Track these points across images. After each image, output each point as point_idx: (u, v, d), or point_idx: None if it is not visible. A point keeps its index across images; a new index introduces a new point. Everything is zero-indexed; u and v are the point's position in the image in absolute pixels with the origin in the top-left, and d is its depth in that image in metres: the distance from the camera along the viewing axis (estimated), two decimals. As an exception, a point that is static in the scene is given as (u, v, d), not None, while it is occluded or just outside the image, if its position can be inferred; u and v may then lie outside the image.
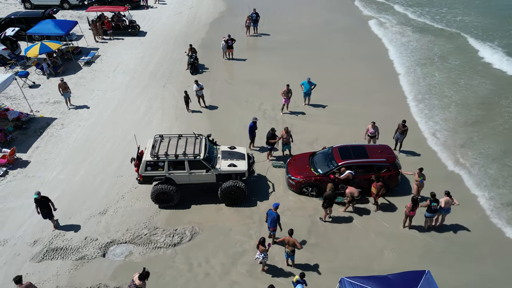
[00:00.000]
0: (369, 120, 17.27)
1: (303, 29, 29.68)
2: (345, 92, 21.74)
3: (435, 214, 13.18)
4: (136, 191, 14.98)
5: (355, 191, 13.56)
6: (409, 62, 24.79)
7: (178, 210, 14.21)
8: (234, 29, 29.00)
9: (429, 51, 26.13)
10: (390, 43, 27.18)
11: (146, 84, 22.48)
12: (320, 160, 15.13)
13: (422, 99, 20.96)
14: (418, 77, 23.14)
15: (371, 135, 16.45)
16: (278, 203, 12.35)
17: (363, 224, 13.84)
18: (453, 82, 22.52)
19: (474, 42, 26.62)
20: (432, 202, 12.91)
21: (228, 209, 14.27)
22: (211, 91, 21.67)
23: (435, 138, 18.03)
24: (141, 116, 19.63)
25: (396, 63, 24.69)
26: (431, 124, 19.07)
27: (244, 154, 14.73)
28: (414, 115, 19.73)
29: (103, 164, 16.41)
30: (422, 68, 24.15)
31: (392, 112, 19.84)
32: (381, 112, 19.75)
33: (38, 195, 13.01)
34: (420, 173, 14.12)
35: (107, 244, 13.02)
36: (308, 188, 14.74)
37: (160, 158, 13.46)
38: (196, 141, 14.07)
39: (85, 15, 31.13)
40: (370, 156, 14.50)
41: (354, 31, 29.40)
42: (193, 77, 23.09)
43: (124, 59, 25.37)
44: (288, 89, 19.09)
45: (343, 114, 19.81)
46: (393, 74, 23.69)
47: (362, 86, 22.26)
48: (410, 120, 18.96)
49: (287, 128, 16.29)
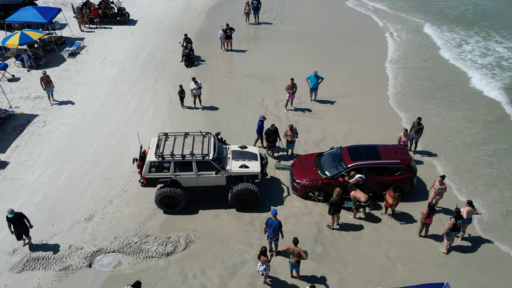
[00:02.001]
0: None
1: (308, 17, 29.66)
2: (355, 87, 21.70)
3: (459, 232, 12.97)
4: (126, 195, 14.96)
5: (361, 196, 13.52)
6: (428, 55, 24.82)
7: (172, 216, 14.20)
8: (233, 18, 28.98)
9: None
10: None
11: (136, 78, 22.44)
12: (328, 161, 15.09)
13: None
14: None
15: (403, 144, 15.85)
16: (275, 209, 12.32)
17: (374, 232, 13.82)
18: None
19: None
20: (457, 220, 12.48)
21: (226, 215, 14.27)
22: (208, 85, 21.64)
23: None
24: (131, 112, 19.60)
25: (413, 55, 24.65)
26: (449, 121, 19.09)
27: (257, 154, 14.73)
28: (429, 111, 19.69)
29: (89, 166, 16.39)
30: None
31: (407, 109, 19.79)
32: (399, 108, 19.71)
33: (13, 213, 12.36)
34: (442, 181, 13.77)
35: (94, 253, 12.96)
36: (315, 192, 14.71)
37: (166, 158, 13.41)
38: (204, 140, 14.06)
39: (69, 1, 31.08)
40: (383, 158, 14.45)
41: (366, 20, 29.32)
42: (188, 70, 23.07)
43: (113, 50, 25.32)
44: (292, 83, 19.07)
45: (353, 111, 19.76)
46: (415, 66, 23.70)
47: (374, 81, 22.23)
48: (427, 117, 18.93)
49: (292, 125, 16.26)
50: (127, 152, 16.82)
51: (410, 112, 19.60)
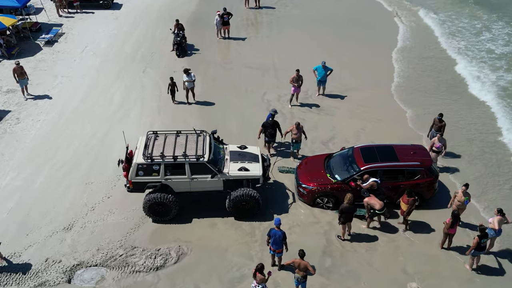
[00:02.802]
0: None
1: (314, 0, 29.75)
2: (369, 79, 21.72)
3: (484, 252, 12.83)
4: (110, 202, 14.95)
5: (376, 202, 13.52)
6: (446, 45, 24.94)
7: (162, 225, 14.19)
8: (231, 1, 29.04)
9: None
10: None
11: (121, 69, 22.46)
12: (338, 163, 15.07)
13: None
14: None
15: (437, 150, 15.69)
16: (279, 219, 12.35)
17: (390, 243, 13.78)
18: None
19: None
20: (481, 239, 12.26)
21: (223, 225, 14.27)
22: (202, 78, 21.63)
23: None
24: (115, 108, 19.59)
25: (434, 45, 24.83)
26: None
27: (258, 155, 14.74)
28: (453, 105, 19.67)
29: (68, 168, 16.39)
30: (461, 51, 24.15)
31: (427, 103, 19.78)
32: (414, 104, 19.73)
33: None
34: (465, 191, 13.57)
35: (73, 267, 12.91)
36: (323, 198, 14.70)
37: (155, 160, 13.45)
38: (198, 139, 14.10)
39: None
40: (401, 159, 14.42)
41: (376, 4, 29.36)
42: (180, 60, 23.10)
43: (95, 37, 25.31)
44: (298, 75, 19.08)
45: (366, 107, 19.76)
46: (432, 55, 23.84)
47: (389, 72, 22.25)
48: (450, 113, 18.94)
49: (299, 123, 16.28)
50: (111, 153, 16.80)
51: (426, 107, 19.63)
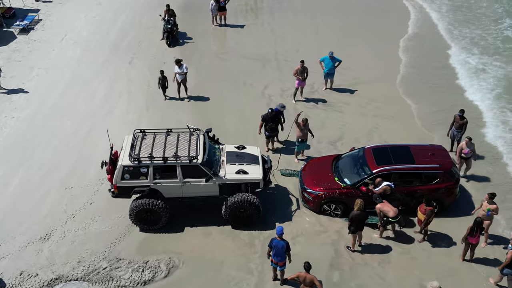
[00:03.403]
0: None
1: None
2: (382, 72, 21.69)
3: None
4: (92, 208, 14.90)
5: (389, 209, 13.49)
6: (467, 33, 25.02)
7: (150, 234, 14.16)
8: (228, -16, 28.93)
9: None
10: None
11: (105, 60, 22.45)
12: (347, 166, 15.11)
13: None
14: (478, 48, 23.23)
15: (466, 156, 15.59)
16: (281, 227, 12.25)
17: (405, 255, 13.74)
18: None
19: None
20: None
21: (219, 234, 14.24)
22: (196, 69, 21.60)
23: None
24: (98, 104, 19.57)
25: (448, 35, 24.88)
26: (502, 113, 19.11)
27: (258, 157, 14.84)
28: (477, 102, 19.75)
29: (46, 171, 16.37)
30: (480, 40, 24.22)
31: (447, 98, 19.74)
32: (432, 98, 19.67)
33: None
34: (491, 200, 13.38)
35: (51, 281, 12.83)
36: (331, 205, 14.72)
37: (143, 161, 13.46)
38: (191, 139, 14.14)
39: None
40: (417, 161, 14.42)
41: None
42: (171, 50, 23.08)
43: (75, 25, 25.30)
44: (302, 67, 19.09)
45: (379, 102, 19.77)
46: (445, 45, 23.86)
47: (404, 64, 22.24)
48: (471, 108, 18.91)
49: (307, 120, 16.22)
50: (94, 154, 16.77)
51: (443, 102, 19.67)
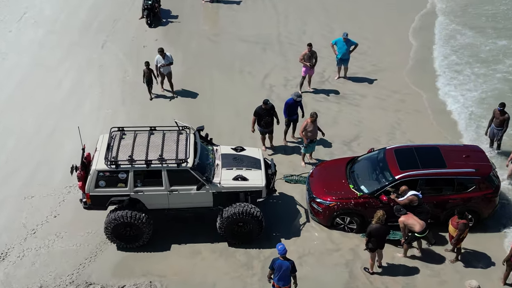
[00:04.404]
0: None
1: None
2: (407, 57, 21.68)
3: None
4: (57, 222, 14.82)
5: (415, 223, 13.36)
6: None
7: (128, 253, 14.02)
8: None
9: None
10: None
11: (73, 43, 22.49)
12: (365, 171, 15.14)
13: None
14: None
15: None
16: (284, 246, 12.12)
17: (434, 278, 13.62)
18: None
19: None
20: None
21: (210, 253, 14.17)
22: (182, 55, 21.64)
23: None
24: (65, 96, 19.61)
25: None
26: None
27: (260, 160, 14.93)
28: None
29: (0, 177, 16.36)
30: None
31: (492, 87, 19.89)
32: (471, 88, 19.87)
33: None
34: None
35: (9, 310, 12.93)
36: (345, 218, 14.68)
37: (121, 166, 13.39)
38: (180, 138, 14.16)
39: None
40: (449, 165, 14.33)
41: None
42: (152, 31, 23.10)
43: (36, 1, 25.29)
44: (310, 51, 19.06)
45: (402, 93, 19.78)
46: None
47: (440, 48, 22.41)
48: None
49: (315, 114, 16.13)
50: (60, 157, 16.72)
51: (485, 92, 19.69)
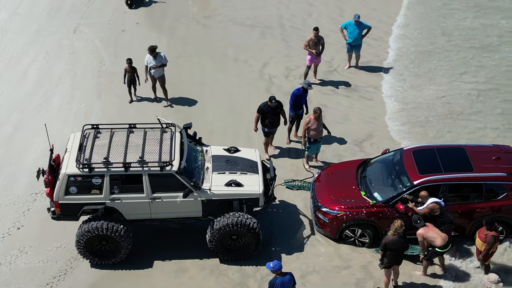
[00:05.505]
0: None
1: None
2: (428, 43, 21.69)
3: None
4: (21, 235, 14.94)
5: (437, 236, 13.44)
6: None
7: (104, 271, 14.13)
8: None
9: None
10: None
11: (40, 27, 22.72)
12: (379, 175, 15.24)
13: None
14: None
15: None
16: (277, 262, 12.06)
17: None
18: None
19: None
20: None
21: (199, 271, 14.23)
22: (167, 40, 21.89)
23: None
24: (30, 89, 19.91)
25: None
26: None
27: (257, 163, 15.03)
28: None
29: None
30: None
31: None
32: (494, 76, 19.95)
33: None
34: None
35: None
36: (355, 229, 14.78)
37: (96, 169, 13.47)
38: (163, 138, 14.27)
39: None
40: (476, 168, 14.36)
41: None
42: (133, 12, 23.27)
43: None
44: (317, 36, 19.23)
45: (422, 85, 19.77)
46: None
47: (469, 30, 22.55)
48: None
49: (319, 110, 16.17)
50: (24, 159, 16.96)
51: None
